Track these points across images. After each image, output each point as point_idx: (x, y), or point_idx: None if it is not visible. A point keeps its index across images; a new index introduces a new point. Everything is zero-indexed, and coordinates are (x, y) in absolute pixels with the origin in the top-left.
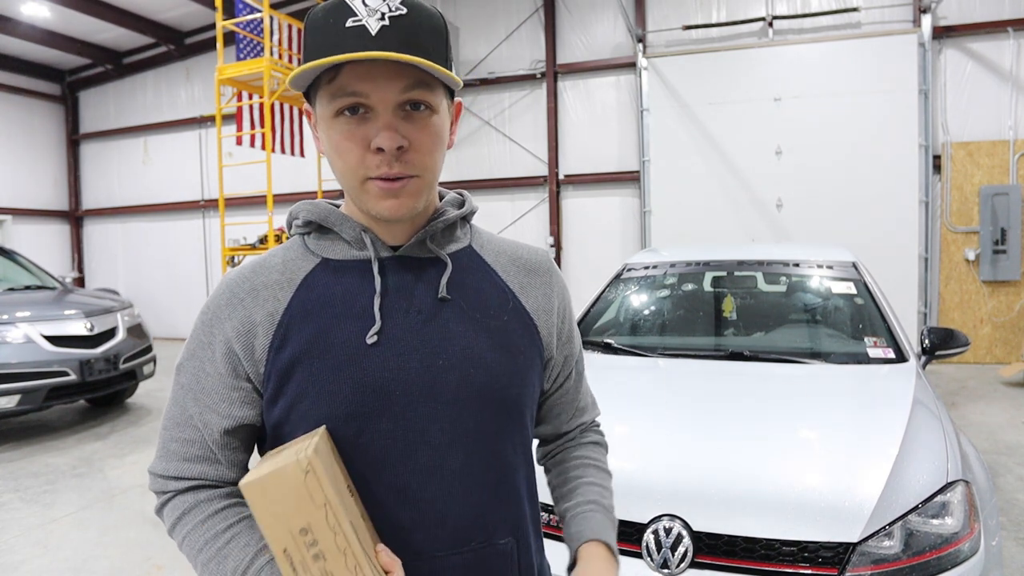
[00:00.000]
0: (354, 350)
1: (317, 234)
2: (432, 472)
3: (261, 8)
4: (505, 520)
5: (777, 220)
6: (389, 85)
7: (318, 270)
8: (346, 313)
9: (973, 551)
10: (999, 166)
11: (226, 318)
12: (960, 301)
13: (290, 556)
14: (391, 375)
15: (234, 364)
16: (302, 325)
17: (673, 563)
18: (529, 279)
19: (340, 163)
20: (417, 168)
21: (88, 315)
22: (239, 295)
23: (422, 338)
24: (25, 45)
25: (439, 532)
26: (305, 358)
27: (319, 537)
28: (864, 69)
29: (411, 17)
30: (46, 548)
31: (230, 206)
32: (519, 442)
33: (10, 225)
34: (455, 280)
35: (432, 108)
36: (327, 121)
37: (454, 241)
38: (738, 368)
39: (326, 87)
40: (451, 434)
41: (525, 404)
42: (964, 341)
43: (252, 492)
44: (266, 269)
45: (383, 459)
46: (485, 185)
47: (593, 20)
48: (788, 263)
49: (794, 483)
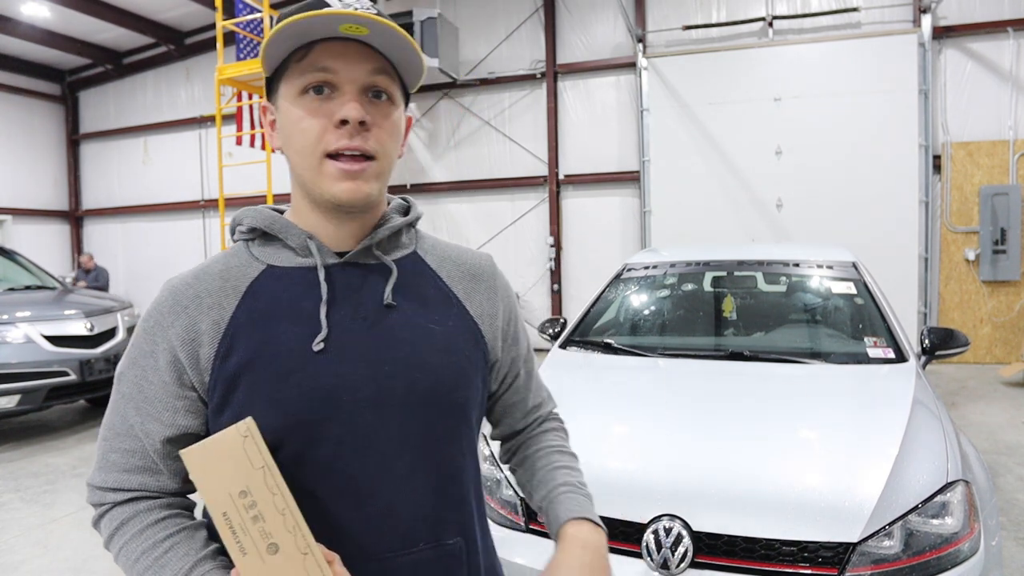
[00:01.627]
0: (301, 357)
1: (261, 240)
2: (380, 475)
3: (261, 8)
4: (453, 521)
5: (777, 220)
6: (358, 65)
7: (263, 277)
8: (292, 321)
9: (973, 551)
10: (999, 166)
11: (169, 325)
12: (960, 301)
13: (230, 519)
14: (338, 382)
15: (179, 372)
16: (248, 333)
17: (673, 563)
18: (473, 284)
19: (300, 140)
20: (376, 149)
21: (88, 315)
22: (182, 302)
23: (368, 345)
24: (25, 45)
25: (388, 534)
26: (252, 366)
27: (258, 499)
28: (864, 69)
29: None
30: (46, 548)
31: (230, 206)
32: (466, 445)
33: (10, 225)
34: (400, 286)
35: (392, 100)
36: (291, 99)
37: (399, 247)
38: (738, 368)
39: (295, 66)
40: (398, 438)
41: (471, 407)
42: (964, 341)
43: (193, 458)
44: (209, 276)
45: (332, 464)
46: (485, 185)
47: (593, 20)
48: (788, 263)
49: (794, 483)
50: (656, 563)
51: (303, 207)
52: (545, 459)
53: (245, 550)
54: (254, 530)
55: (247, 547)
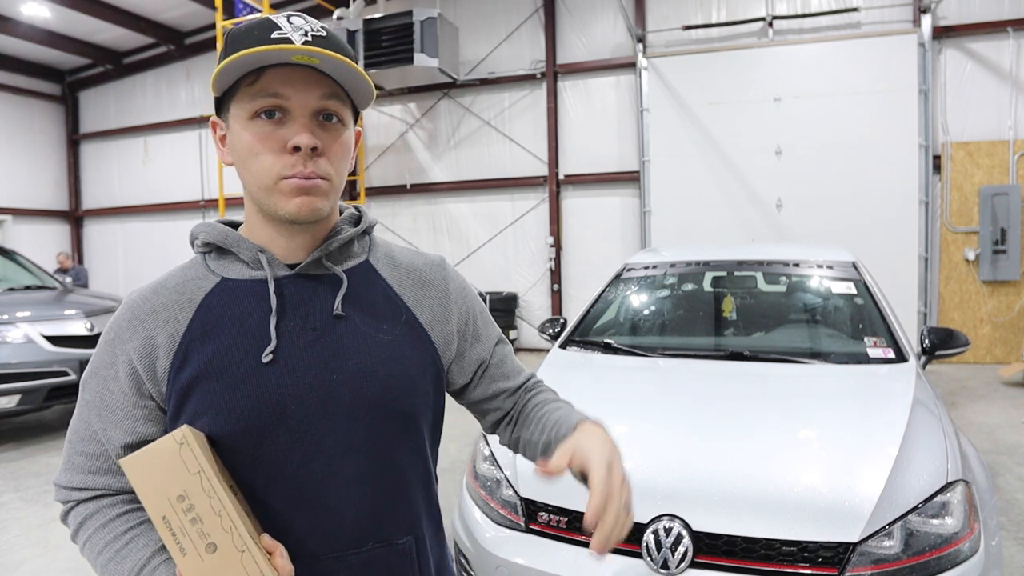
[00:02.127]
0: (250, 369)
1: (216, 254)
2: (327, 480)
3: (261, 8)
4: (402, 521)
5: (777, 220)
6: (309, 91)
7: (217, 290)
8: (243, 333)
9: (973, 551)
10: (999, 166)
11: (128, 339)
12: (960, 301)
13: (169, 522)
14: (286, 391)
15: (138, 383)
16: (201, 346)
17: (673, 563)
18: (423, 291)
19: (255, 164)
20: (328, 171)
21: (88, 315)
22: (140, 316)
23: (316, 355)
24: (25, 45)
25: (336, 535)
26: (204, 378)
27: (195, 502)
28: (864, 69)
29: (330, 39)
30: (46, 548)
31: (230, 206)
32: (413, 448)
33: (10, 225)
34: (350, 296)
35: (342, 121)
36: (242, 123)
37: (351, 257)
38: (738, 368)
39: (246, 89)
40: (345, 444)
41: (418, 413)
42: (964, 341)
43: (132, 466)
44: (166, 290)
45: (280, 469)
46: (485, 185)
47: (593, 20)
48: (788, 263)
49: (794, 483)
50: (656, 563)
51: (256, 221)
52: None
53: (185, 551)
54: (192, 531)
55: (187, 548)
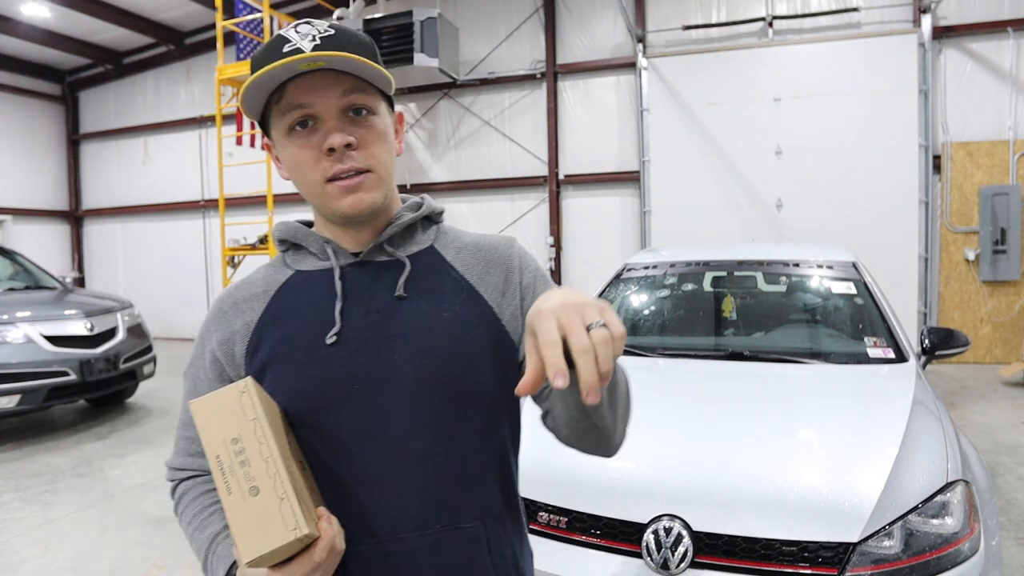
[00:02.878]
0: (315, 350)
1: (293, 250)
2: (391, 459)
3: (261, 8)
4: (469, 504)
5: (777, 220)
6: (329, 92)
7: (291, 282)
8: (310, 318)
9: (973, 551)
10: (999, 166)
11: (213, 331)
12: (960, 301)
13: (221, 462)
14: (348, 371)
15: (219, 370)
16: (272, 331)
17: (673, 563)
18: (487, 268)
19: (300, 174)
20: (367, 162)
21: (88, 315)
22: (223, 309)
23: (379, 336)
24: (25, 45)
25: (400, 515)
26: (274, 360)
27: (246, 446)
28: (864, 69)
29: (339, 36)
30: (46, 548)
31: (230, 206)
32: (481, 428)
33: (10, 225)
34: (413, 279)
35: (372, 111)
36: (283, 140)
37: (415, 243)
38: (738, 368)
39: (276, 107)
40: (408, 422)
41: (484, 391)
42: (964, 341)
43: (198, 408)
44: (248, 284)
45: (345, 447)
46: (485, 185)
47: (593, 20)
48: (788, 263)
49: (794, 483)
50: (656, 563)
51: (320, 221)
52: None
53: (231, 490)
54: (240, 473)
55: (233, 488)
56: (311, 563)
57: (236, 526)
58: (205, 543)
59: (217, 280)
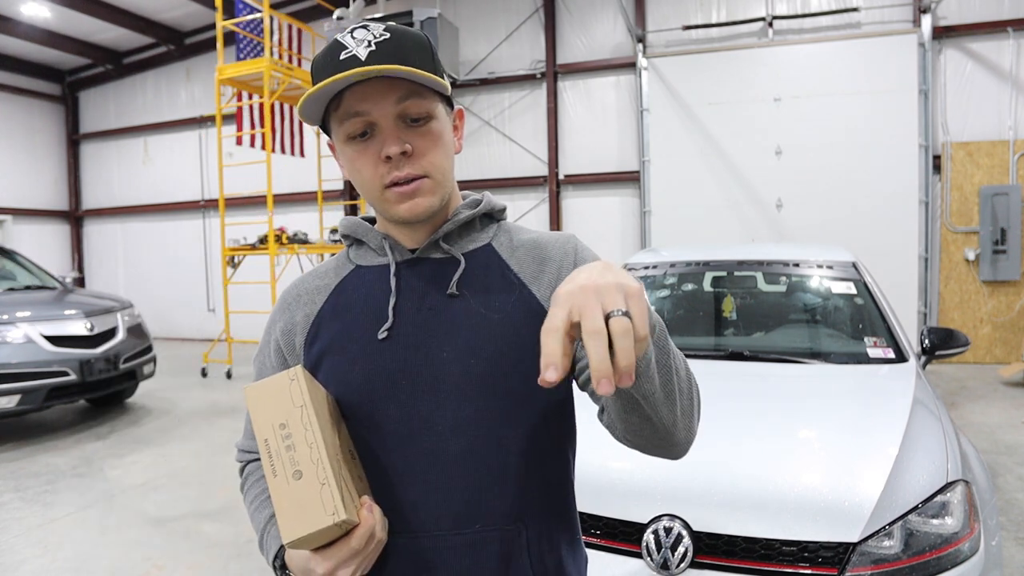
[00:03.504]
0: (367, 345)
1: (356, 245)
2: (435, 456)
3: (261, 8)
4: (511, 505)
5: (777, 220)
6: (385, 99)
7: (351, 276)
8: (366, 313)
9: (973, 551)
10: (999, 166)
11: (277, 320)
12: (960, 301)
13: (268, 445)
14: (398, 367)
15: (282, 358)
16: (330, 324)
17: (673, 563)
18: (541, 267)
19: (359, 179)
20: (424, 169)
21: (88, 315)
22: (288, 300)
23: (429, 333)
24: (25, 45)
25: (441, 512)
26: (329, 352)
27: (293, 431)
28: (864, 69)
29: (394, 39)
30: (46, 548)
31: (230, 206)
32: (528, 429)
33: (10, 225)
34: (467, 277)
35: (429, 115)
36: (342, 146)
37: (472, 240)
38: (738, 368)
39: (334, 114)
40: (453, 421)
41: (533, 392)
42: (964, 341)
43: (250, 393)
44: (314, 276)
45: (390, 441)
46: (485, 185)
47: (593, 20)
48: (788, 263)
49: (794, 483)
50: (656, 563)
51: (381, 219)
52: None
53: (276, 473)
54: (286, 456)
55: (278, 470)
56: (349, 549)
57: (279, 508)
58: (262, 522)
59: (217, 280)
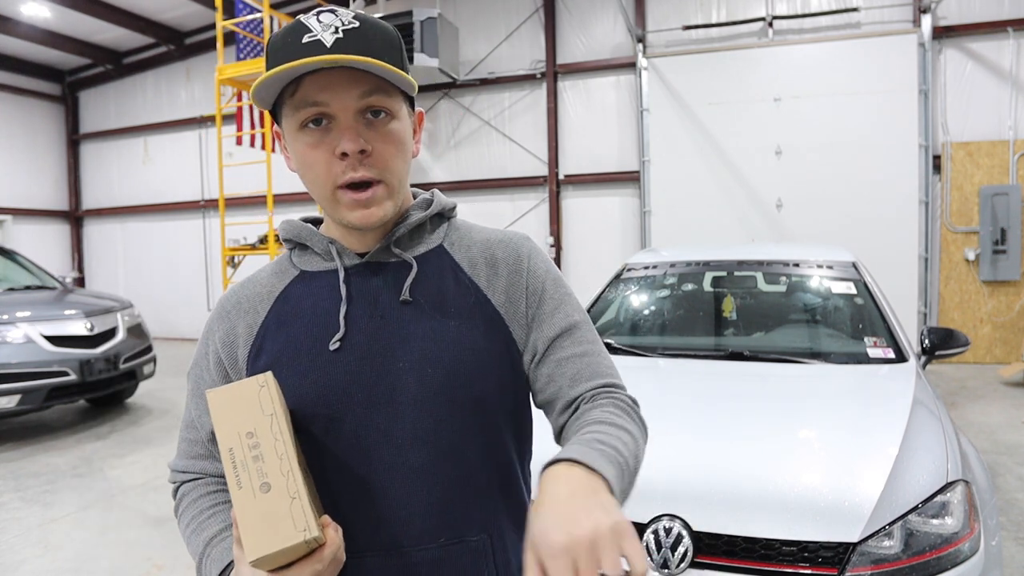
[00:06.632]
0: (319, 356)
1: (299, 249)
2: (394, 469)
3: (261, 8)
4: (474, 517)
5: (777, 220)
6: (347, 92)
7: (295, 282)
8: (314, 322)
9: (973, 551)
10: (999, 166)
11: (216, 330)
12: (960, 301)
13: (233, 455)
14: (352, 379)
15: (223, 372)
16: (275, 335)
17: (673, 563)
18: (495, 271)
19: (310, 174)
20: (380, 172)
21: (88, 315)
22: (226, 308)
23: (382, 342)
24: (25, 45)
25: (405, 528)
26: (277, 365)
27: (261, 440)
28: (864, 69)
29: (363, 29)
30: (46, 548)
31: (230, 206)
32: (488, 439)
33: (10, 225)
34: (420, 281)
35: (391, 114)
36: (293, 134)
37: (423, 243)
38: (738, 368)
39: (289, 100)
40: (412, 433)
41: (491, 401)
42: (964, 341)
43: (215, 398)
44: (252, 283)
45: (347, 457)
46: (485, 185)
47: (593, 20)
48: (788, 263)
49: (794, 483)
50: (656, 563)
51: (328, 221)
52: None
53: (241, 484)
54: (252, 468)
55: (243, 482)
56: (312, 570)
57: (243, 522)
58: (200, 546)
59: (217, 280)
